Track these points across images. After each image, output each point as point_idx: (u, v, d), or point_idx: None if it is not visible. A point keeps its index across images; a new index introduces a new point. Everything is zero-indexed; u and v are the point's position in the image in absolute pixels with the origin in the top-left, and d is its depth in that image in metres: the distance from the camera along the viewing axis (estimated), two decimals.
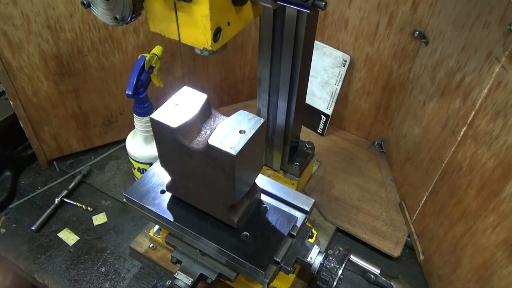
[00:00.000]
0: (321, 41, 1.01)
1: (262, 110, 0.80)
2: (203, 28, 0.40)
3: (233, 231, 0.64)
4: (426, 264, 0.81)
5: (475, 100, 0.66)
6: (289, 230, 0.65)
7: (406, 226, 0.88)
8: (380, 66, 0.96)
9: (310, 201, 0.70)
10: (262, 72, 0.74)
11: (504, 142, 0.59)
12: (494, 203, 0.61)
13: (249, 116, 0.56)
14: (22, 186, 0.96)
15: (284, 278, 0.73)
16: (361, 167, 1.02)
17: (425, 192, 0.82)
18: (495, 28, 0.62)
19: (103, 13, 0.41)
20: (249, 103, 1.20)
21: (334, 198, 0.94)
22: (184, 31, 0.42)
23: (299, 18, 0.64)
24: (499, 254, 0.60)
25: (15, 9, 0.76)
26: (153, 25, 0.43)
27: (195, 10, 0.39)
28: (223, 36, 0.42)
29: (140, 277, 0.79)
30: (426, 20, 0.84)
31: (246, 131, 0.54)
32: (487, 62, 0.63)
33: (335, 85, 1.02)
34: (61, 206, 0.91)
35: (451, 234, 0.72)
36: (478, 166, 0.65)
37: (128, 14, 0.39)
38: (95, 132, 1.01)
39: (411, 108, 0.91)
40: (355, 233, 0.87)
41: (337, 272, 0.63)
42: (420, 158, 0.86)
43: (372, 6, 0.88)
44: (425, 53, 0.85)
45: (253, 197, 0.65)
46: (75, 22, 0.83)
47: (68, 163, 1.01)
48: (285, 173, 0.88)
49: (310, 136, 1.12)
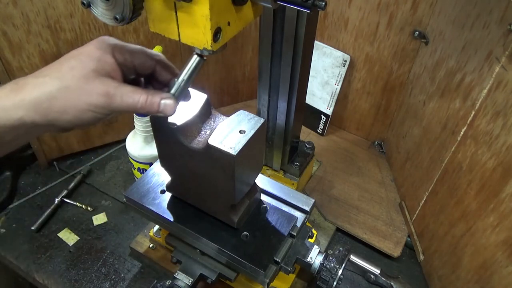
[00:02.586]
0: (321, 41, 1.01)
1: (262, 110, 0.80)
2: (203, 28, 0.40)
3: (233, 231, 0.64)
4: (426, 264, 0.81)
5: (475, 100, 0.66)
6: (289, 230, 0.65)
7: (406, 226, 0.88)
8: (380, 66, 0.96)
9: (310, 201, 0.70)
10: (262, 72, 0.74)
11: (504, 142, 0.59)
12: (494, 203, 0.61)
13: (249, 116, 0.56)
14: (22, 186, 0.96)
15: (284, 278, 0.73)
16: (361, 167, 1.02)
17: (425, 192, 0.82)
18: (495, 28, 0.62)
19: (103, 13, 0.41)
20: (249, 103, 1.20)
21: (334, 198, 0.94)
22: (184, 31, 0.42)
23: (299, 18, 0.64)
24: (499, 254, 0.60)
25: (15, 9, 0.76)
26: (153, 25, 0.43)
27: (195, 10, 0.39)
28: (223, 36, 0.42)
29: (140, 277, 0.79)
30: (426, 20, 0.84)
31: (246, 131, 0.54)
32: (487, 62, 0.63)
33: (335, 85, 1.02)
34: (61, 206, 0.91)
35: (451, 234, 0.72)
36: (478, 166, 0.65)
37: (128, 14, 0.39)
38: (95, 132, 1.01)
39: (411, 108, 0.91)
40: (355, 233, 0.87)
41: (337, 272, 0.63)
42: (420, 158, 0.86)
43: (372, 6, 0.88)
44: (425, 53, 0.85)
45: (253, 197, 0.65)
46: (75, 22, 0.83)
47: (68, 163, 1.01)
48: (285, 173, 0.88)
49: (310, 136, 1.12)
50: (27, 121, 0.42)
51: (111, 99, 0.43)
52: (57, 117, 0.42)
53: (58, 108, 0.42)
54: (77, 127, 0.45)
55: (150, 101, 0.45)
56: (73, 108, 0.42)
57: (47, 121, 0.42)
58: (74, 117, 0.42)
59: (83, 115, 0.42)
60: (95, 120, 0.44)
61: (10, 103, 0.41)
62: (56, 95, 0.41)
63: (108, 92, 0.42)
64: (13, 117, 0.41)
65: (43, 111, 0.42)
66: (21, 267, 0.80)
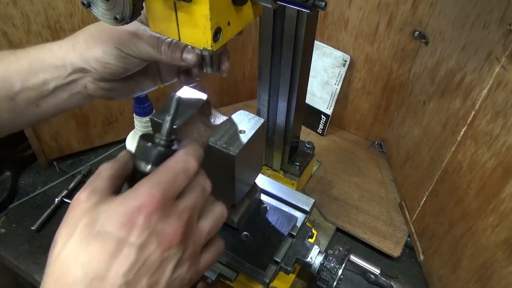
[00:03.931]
0: (321, 41, 1.01)
1: (262, 110, 0.80)
2: (203, 28, 0.40)
3: (233, 231, 0.64)
4: (426, 264, 0.81)
5: (475, 100, 0.66)
6: (289, 230, 0.65)
7: (406, 226, 0.88)
8: (380, 66, 0.96)
9: (310, 201, 0.70)
10: (262, 72, 0.74)
11: (504, 142, 0.59)
12: (494, 203, 0.61)
13: (249, 116, 0.56)
14: (22, 186, 0.96)
15: (284, 278, 0.73)
16: (361, 167, 1.02)
17: (425, 192, 0.82)
18: (495, 28, 0.62)
19: (103, 13, 0.41)
20: (249, 103, 1.20)
21: (334, 198, 0.94)
22: (184, 31, 0.42)
23: (299, 18, 0.63)
24: (499, 254, 0.60)
25: (15, 9, 0.76)
26: (153, 25, 0.43)
27: (195, 10, 0.39)
28: (223, 36, 0.42)
29: None
30: (426, 20, 0.84)
31: (246, 131, 0.54)
32: (487, 62, 0.63)
33: (335, 85, 1.02)
34: (61, 206, 0.91)
35: (451, 234, 0.72)
36: (478, 166, 0.65)
37: (128, 14, 0.39)
38: (95, 132, 1.01)
39: (411, 108, 0.91)
40: (355, 233, 0.87)
41: (337, 272, 0.63)
42: (420, 158, 0.86)
43: (372, 6, 0.88)
44: (425, 53, 0.85)
45: (253, 197, 0.65)
46: (75, 22, 0.83)
47: (68, 163, 1.01)
48: (285, 173, 0.88)
49: (310, 136, 1.12)
50: (67, 64, 0.47)
51: (138, 36, 0.46)
52: (88, 55, 0.47)
53: (91, 44, 0.46)
54: (110, 75, 0.48)
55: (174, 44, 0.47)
56: (104, 44, 0.46)
57: (83, 60, 0.47)
58: (103, 53, 0.46)
59: (110, 53, 0.46)
60: (122, 62, 0.47)
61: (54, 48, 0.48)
62: (92, 32, 0.47)
63: (136, 30, 0.47)
64: (57, 59, 0.47)
65: (79, 50, 0.47)
66: (21, 267, 0.80)
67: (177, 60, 0.47)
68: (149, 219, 0.33)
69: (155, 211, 0.33)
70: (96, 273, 0.32)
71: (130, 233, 0.33)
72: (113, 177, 0.36)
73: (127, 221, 0.33)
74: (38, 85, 0.48)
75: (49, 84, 0.48)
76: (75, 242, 0.32)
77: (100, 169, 0.36)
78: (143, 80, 0.54)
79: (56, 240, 0.33)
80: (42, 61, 0.48)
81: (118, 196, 0.35)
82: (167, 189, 0.35)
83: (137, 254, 0.33)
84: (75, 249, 0.32)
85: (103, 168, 0.36)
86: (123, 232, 0.33)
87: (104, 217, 0.33)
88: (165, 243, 0.34)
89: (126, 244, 0.33)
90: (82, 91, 0.50)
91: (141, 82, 0.54)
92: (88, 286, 0.31)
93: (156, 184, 0.34)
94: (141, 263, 0.33)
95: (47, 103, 0.50)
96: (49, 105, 0.50)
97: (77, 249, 0.32)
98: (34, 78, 0.47)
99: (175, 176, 0.35)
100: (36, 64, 0.47)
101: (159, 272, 0.34)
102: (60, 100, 0.50)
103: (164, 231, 0.34)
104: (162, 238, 0.34)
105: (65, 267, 0.32)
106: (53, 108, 0.50)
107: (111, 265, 0.32)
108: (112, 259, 0.32)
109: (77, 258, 0.32)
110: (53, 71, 0.48)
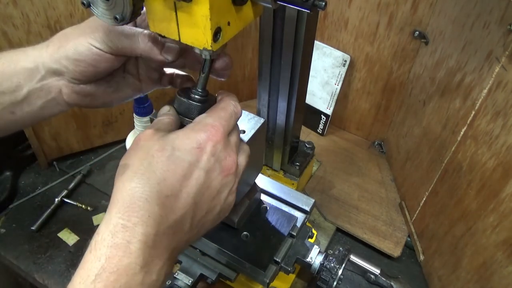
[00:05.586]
0: (321, 41, 1.01)
1: (262, 110, 0.80)
2: (203, 28, 0.40)
3: (233, 231, 0.64)
4: (426, 264, 0.81)
5: (475, 100, 0.66)
6: (289, 230, 0.65)
7: (406, 226, 0.88)
8: (380, 66, 0.96)
9: (310, 201, 0.70)
10: (262, 72, 0.74)
11: (504, 142, 0.59)
12: (494, 203, 0.61)
13: (249, 116, 0.56)
14: (22, 186, 0.96)
15: (284, 278, 0.73)
16: (361, 167, 1.02)
17: (425, 192, 0.82)
18: (495, 28, 0.62)
19: (103, 13, 0.41)
20: (249, 103, 1.20)
21: (334, 198, 0.94)
22: (184, 31, 0.42)
23: (299, 18, 0.63)
24: (499, 254, 0.60)
25: (15, 9, 0.76)
26: (153, 25, 0.43)
27: (195, 10, 0.39)
28: (223, 36, 0.42)
29: None
30: (426, 20, 0.84)
31: (246, 131, 0.54)
32: (487, 62, 0.63)
33: (335, 85, 1.02)
34: (61, 206, 0.91)
35: (451, 234, 0.72)
36: (478, 166, 0.65)
37: (128, 14, 0.39)
38: (95, 132, 1.01)
39: (411, 108, 0.91)
40: (355, 233, 0.87)
41: (337, 272, 0.63)
42: (420, 158, 0.86)
43: (372, 6, 0.88)
44: (425, 53, 0.85)
45: (253, 197, 0.65)
46: (75, 22, 0.82)
47: (68, 163, 1.01)
48: (285, 173, 0.88)
49: (310, 136, 1.12)
50: (39, 66, 0.46)
51: (113, 29, 0.45)
52: (60, 53, 0.45)
53: (63, 42, 0.45)
54: (81, 74, 0.46)
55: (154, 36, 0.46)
56: (75, 40, 0.45)
57: (54, 60, 0.45)
58: (74, 49, 0.44)
59: (82, 48, 0.45)
60: (93, 60, 0.45)
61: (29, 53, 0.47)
62: (66, 31, 0.46)
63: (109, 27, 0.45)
64: (29, 61, 0.46)
65: (52, 49, 0.45)
66: (21, 267, 0.80)
67: (156, 53, 0.46)
68: (216, 147, 0.39)
69: (220, 141, 0.39)
70: (171, 190, 0.36)
71: (201, 158, 0.38)
72: (172, 122, 0.42)
73: (197, 147, 0.38)
74: (11, 89, 0.46)
75: (23, 88, 0.46)
76: (149, 163, 0.36)
77: (159, 118, 0.42)
78: (121, 88, 0.52)
79: (127, 165, 0.37)
80: (15, 63, 0.46)
81: (184, 128, 0.40)
82: (226, 125, 0.41)
83: (205, 177, 0.38)
84: (149, 168, 0.36)
85: (161, 117, 0.42)
86: (194, 156, 0.37)
87: (175, 144, 0.37)
88: (225, 171, 0.40)
89: (197, 168, 0.37)
90: (57, 97, 0.48)
91: (119, 89, 0.52)
92: (163, 203, 0.35)
93: (218, 119, 0.40)
94: (207, 186, 0.38)
95: (22, 111, 0.48)
96: (24, 112, 0.48)
97: (151, 168, 0.36)
98: (8, 82, 0.46)
99: (230, 116, 0.42)
100: (10, 66, 0.46)
101: (217, 198, 0.40)
102: (36, 108, 0.48)
103: (225, 160, 0.40)
104: (223, 166, 0.39)
105: (140, 185, 0.35)
106: (29, 116, 0.49)
107: (183, 185, 0.37)
108: (184, 180, 0.37)
109: (151, 177, 0.36)
110: (25, 74, 0.46)
